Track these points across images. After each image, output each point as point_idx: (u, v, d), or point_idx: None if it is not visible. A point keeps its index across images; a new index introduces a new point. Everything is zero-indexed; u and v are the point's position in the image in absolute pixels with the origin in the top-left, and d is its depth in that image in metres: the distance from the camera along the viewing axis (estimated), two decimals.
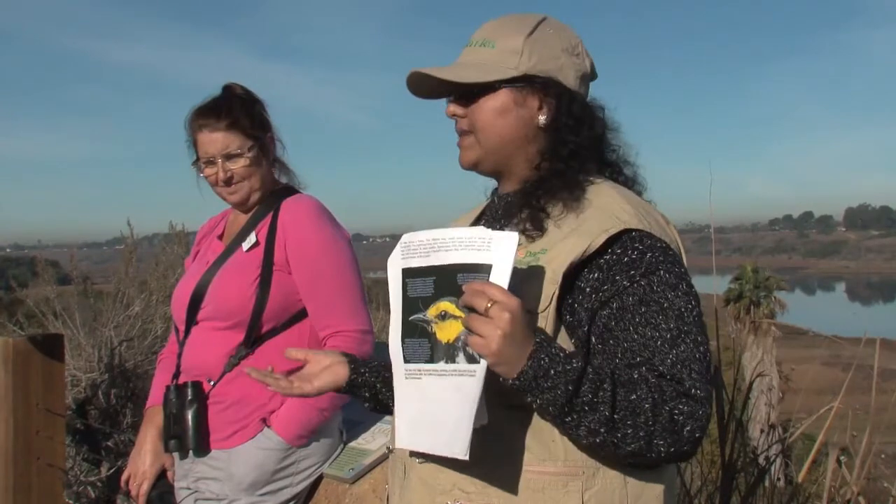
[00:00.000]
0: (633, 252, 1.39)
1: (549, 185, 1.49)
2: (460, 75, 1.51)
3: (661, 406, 1.28)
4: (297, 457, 2.23)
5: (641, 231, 1.40)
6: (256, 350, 2.21)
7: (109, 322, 4.85)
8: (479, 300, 1.24)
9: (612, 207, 1.44)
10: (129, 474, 2.35)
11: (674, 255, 1.41)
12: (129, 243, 5.57)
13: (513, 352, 1.24)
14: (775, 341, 26.14)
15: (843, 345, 4.44)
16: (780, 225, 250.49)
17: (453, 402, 1.31)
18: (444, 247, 1.34)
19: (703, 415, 1.31)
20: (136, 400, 4.56)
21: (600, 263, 1.39)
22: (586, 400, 1.26)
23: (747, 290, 29.06)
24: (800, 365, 16.48)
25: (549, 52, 1.51)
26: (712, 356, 1.38)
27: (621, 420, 1.27)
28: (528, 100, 1.51)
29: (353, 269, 2.28)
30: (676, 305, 1.36)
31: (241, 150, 2.25)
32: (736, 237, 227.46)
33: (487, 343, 1.24)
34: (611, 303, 1.37)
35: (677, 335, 1.34)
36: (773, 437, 3.09)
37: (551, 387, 1.26)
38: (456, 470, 1.42)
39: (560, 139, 1.51)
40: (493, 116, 1.52)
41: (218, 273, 2.27)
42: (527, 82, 1.51)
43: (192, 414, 2.21)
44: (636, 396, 1.28)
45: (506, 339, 1.23)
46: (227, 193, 2.29)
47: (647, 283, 1.37)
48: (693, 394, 1.30)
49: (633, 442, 1.28)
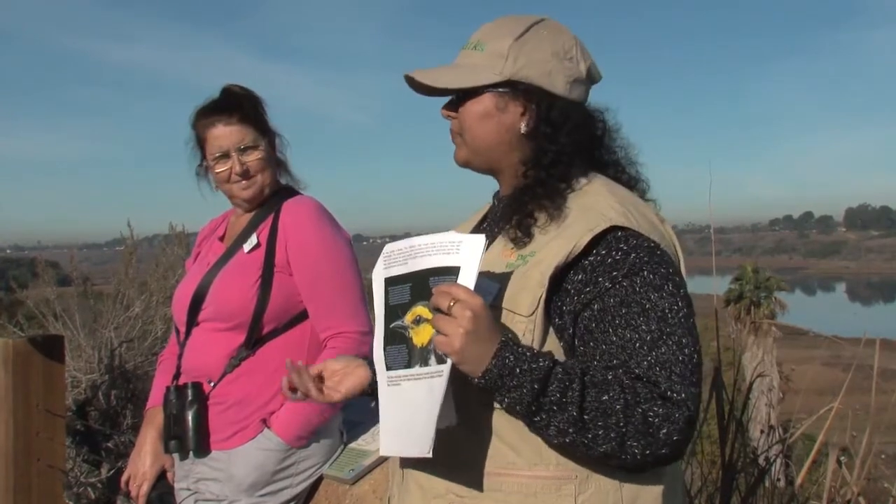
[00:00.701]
0: (616, 253, 1.37)
1: (533, 194, 1.48)
2: (445, 80, 1.51)
3: (633, 408, 1.27)
4: (298, 457, 2.23)
5: (628, 230, 1.39)
6: (257, 351, 2.21)
7: (109, 323, 4.85)
8: (442, 300, 1.27)
9: (600, 205, 1.43)
10: (129, 475, 2.35)
11: (661, 256, 1.39)
12: (130, 244, 5.57)
13: (476, 350, 1.26)
14: (775, 342, 26.13)
15: (843, 345, 4.44)
16: (780, 225, 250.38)
17: (425, 404, 1.32)
18: (419, 253, 1.37)
19: (680, 418, 1.28)
20: (136, 401, 4.56)
21: (584, 265, 1.38)
22: (554, 399, 1.27)
23: (748, 290, 29.05)
24: (800, 365, 16.47)
25: (537, 55, 1.49)
26: (700, 357, 1.35)
27: (591, 421, 1.27)
28: (510, 105, 1.50)
29: (354, 270, 2.28)
30: (659, 307, 1.34)
31: (256, 143, 2.26)
32: (736, 237, 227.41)
33: (450, 341, 1.26)
34: (592, 305, 1.37)
35: (658, 337, 1.32)
36: (774, 437, 3.09)
37: (517, 385, 1.27)
38: (449, 475, 1.43)
39: (540, 148, 1.50)
40: (476, 121, 1.52)
41: (219, 274, 2.27)
42: (510, 87, 1.49)
43: (193, 415, 2.21)
44: (608, 397, 1.27)
45: (468, 337, 1.25)
46: (241, 188, 2.28)
47: (629, 285, 1.35)
48: (669, 396, 1.29)
49: (604, 443, 1.28)
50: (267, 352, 2.21)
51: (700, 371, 1.34)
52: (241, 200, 2.32)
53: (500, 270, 1.45)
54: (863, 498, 2.81)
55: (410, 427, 1.35)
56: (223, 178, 2.28)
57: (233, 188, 2.28)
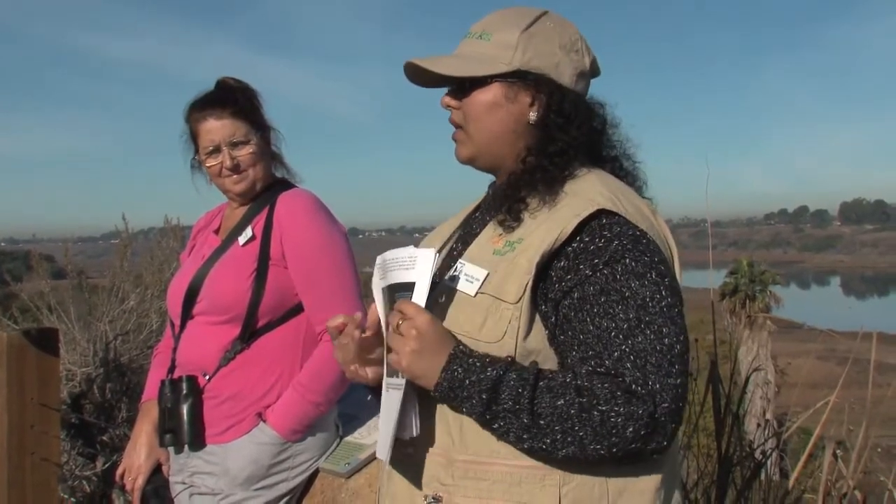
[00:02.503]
0: (599, 240, 1.36)
1: (530, 179, 1.48)
2: (452, 68, 1.50)
3: (589, 411, 1.26)
4: (293, 451, 2.22)
5: (613, 217, 1.38)
6: (252, 344, 2.20)
7: (104, 316, 4.84)
8: (393, 318, 1.32)
9: (589, 191, 1.43)
10: (123, 469, 2.34)
11: (647, 244, 1.37)
12: (125, 237, 5.56)
13: (424, 365, 1.31)
14: (771, 335, 26.19)
15: (838, 339, 4.45)
16: (775, 219, 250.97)
17: (391, 412, 1.38)
18: (389, 267, 1.41)
19: (643, 413, 1.26)
20: (131, 394, 4.56)
21: (568, 252, 1.38)
22: (507, 407, 1.28)
23: (743, 284, 29.16)
24: (795, 359, 16.53)
25: (545, 47, 1.49)
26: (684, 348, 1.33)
27: (548, 426, 1.27)
28: (519, 95, 1.50)
29: (349, 263, 2.27)
30: (640, 295, 1.32)
31: (248, 138, 2.24)
32: (732, 231, 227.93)
33: (399, 359, 1.32)
34: (572, 293, 1.36)
35: (636, 325, 1.30)
36: (770, 431, 3.09)
37: (467, 396, 1.30)
38: (434, 464, 1.43)
39: (549, 137, 1.49)
40: (483, 110, 1.51)
41: (214, 267, 2.26)
42: (519, 78, 1.49)
43: (188, 408, 2.20)
44: (563, 402, 1.27)
45: (413, 355, 1.30)
46: (233, 182, 2.27)
47: (609, 272, 1.34)
48: (633, 390, 1.27)
49: (563, 447, 1.28)
50: (262, 345, 2.20)
51: (683, 362, 1.32)
52: (233, 194, 2.31)
53: (488, 257, 1.44)
54: (859, 491, 2.81)
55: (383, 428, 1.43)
56: (215, 172, 2.27)
57: (224, 182, 2.28)
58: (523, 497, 1.37)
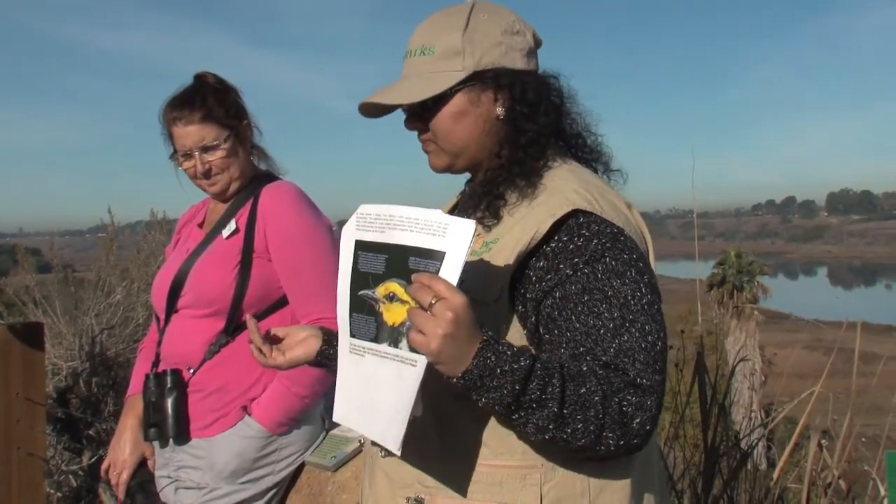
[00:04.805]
0: (578, 239, 1.35)
1: (508, 174, 1.47)
2: (412, 94, 1.46)
3: (610, 398, 1.25)
4: (279, 445, 2.22)
5: (590, 216, 1.37)
6: (237, 338, 2.19)
7: (90, 310, 4.82)
8: (424, 295, 1.20)
9: (563, 189, 1.41)
10: (108, 463, 2.33)
11: (625, 242, 1.37)
12: (111, 231, 5.52)
13: (454, 351, 1.20)
14: (758, 325, 26.31)
15: (824, 329, 4.47)
16: (763, 210, 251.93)
17: (392, 389, 1.27)
18: (399, 225, 1.29)
19: (651, 405, 1.27)
20: (117, 388, 4.54)
21: (546, 251, 1.36)
22: (534, 397, 1.23)
23: (730, 274, 29.25)
24: (782, 349, 16.59)
25: (489, 40, 1.46)
26: (664, 344, 1.33)
27: (570, 415, 1.24)
28: (482, 97, 1.48)
29: (333, 255, 2.25)
30: (622, 293, 1.32)
31: (218, 142, 2.22)
32: (719, 222, 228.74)
33: (427, 342, 1.19)
34: (554, 292, 1.34)
35: (621, 324, 1.30)
36: (756, 420, 3.11)
37: (498, 386, 1.22)
38: (416, 464, 1.42)
39: (519, 128, 1.48)
40: (452, 122, 1.48)
41: (198, 261, 2.25)
42: (477, 79, 1.47)
43: (172, 402, 2.19)
44: (586, 390, 1.25)
45: (446, 340, 1.18)
46: (207, 185, 2.27)
47: (590, 271, 1.33)
48: (639, 383, 1.27)
49: (583, 437, 1.25)
50: (246, 338, 2.19)
51: (664, 359, 1.32)
52: (211, 195, 2.32)
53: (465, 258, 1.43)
54: (843, 480, 2.83)
55: (371, 406, 1.31)
56: (191, 175, 2.27)
57: (201, 184, 2.28)
58: (505, 497, 1.36)
